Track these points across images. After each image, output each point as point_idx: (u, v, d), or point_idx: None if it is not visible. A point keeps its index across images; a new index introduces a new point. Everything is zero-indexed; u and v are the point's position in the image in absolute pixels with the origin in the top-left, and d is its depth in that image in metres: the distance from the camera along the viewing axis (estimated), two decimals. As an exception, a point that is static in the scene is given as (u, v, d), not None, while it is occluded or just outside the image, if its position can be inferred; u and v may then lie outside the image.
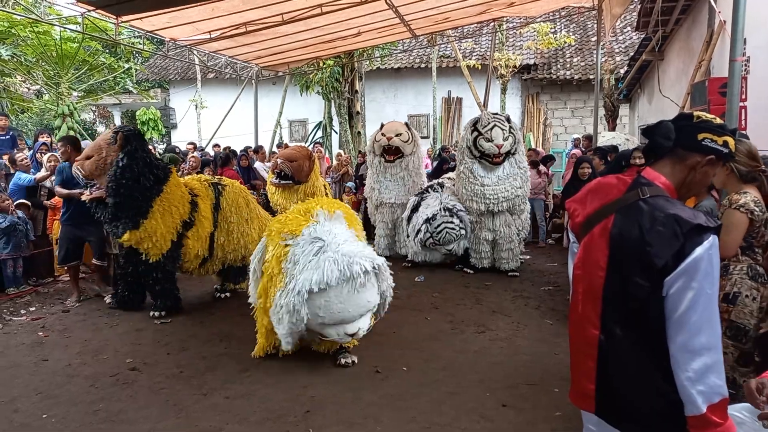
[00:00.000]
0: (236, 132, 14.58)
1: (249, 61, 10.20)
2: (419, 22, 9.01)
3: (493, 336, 4.59)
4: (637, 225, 1.67)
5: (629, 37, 17.11)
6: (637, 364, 1.70)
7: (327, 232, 3.71)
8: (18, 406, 3.47)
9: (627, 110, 15.62)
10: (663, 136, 1.75)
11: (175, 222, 5.06)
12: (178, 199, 5.10)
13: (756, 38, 6.64)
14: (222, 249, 5.55)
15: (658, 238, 1.61)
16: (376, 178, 7.30)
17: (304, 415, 3.30)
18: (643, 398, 1.70)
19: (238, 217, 5.60)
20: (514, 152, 6.40)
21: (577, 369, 1.87)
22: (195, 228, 5.23)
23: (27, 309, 5.59)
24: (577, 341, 1.86)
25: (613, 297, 1.73)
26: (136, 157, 4.89)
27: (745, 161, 2.81)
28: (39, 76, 12.44)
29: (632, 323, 1.70)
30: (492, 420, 3.21)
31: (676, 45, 10.86)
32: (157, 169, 5.04)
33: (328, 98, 14.58)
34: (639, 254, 1.64)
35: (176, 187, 5.14)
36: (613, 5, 8.18)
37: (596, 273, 1.76)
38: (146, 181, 4.89)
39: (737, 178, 2.83)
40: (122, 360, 4.18)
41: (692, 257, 1.56)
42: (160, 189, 5.00)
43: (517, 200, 6.44)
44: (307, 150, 7.46)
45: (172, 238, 5.05)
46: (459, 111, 17.36)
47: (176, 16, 6.63)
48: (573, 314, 1.90)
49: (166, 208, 5.00)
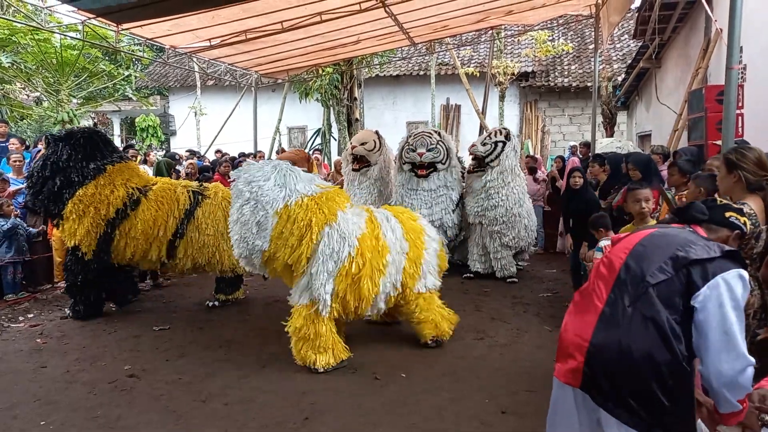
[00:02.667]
0: (235, 139, 14.60)
1: (248, 68, 10.24)
2: (418, 30, 9.05)
3: (492, 342, 4.59)
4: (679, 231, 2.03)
5: (627, 45, 17.23)
6: (643, 343, 1.79)
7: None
8: (17, 412, 3.46)
9: (625, 117, 15.69)
10: (699, 212, 2.12)
11: (96, 221, 5.08)
12: (100, 200, 5.11)
13: (753, 46, 6.69)
14: (189, 257, 5.38)
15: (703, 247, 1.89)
16: (347, 187, 7.42)
17: (304, 422, 3.29)
18: (637, 378, 1.78)
19: (215, 230, 5.36)
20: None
21: (569, 343, 1.98)
22: (125, 227, 5.17)
23: (25, 316, 5.58)
24: (577, 316, 2.01)
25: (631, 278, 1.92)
26: (46, 163, 5.14)
27: (754, 169, 2.78)
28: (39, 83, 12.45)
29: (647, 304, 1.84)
30: (492, 426, 3.21)
31: (674, 53, 10.94)
32: (73, 171, 5.11)
33: (327, 105, 14.62)
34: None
35: (103, 187, 5.15)
36: (610, 13, 8.24)
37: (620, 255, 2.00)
38: (52, 186, 5.07)
39: (743, 186, 2.80)
40: (121, 366, 4.17)
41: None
42: (72, 192, 5.08)
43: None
44: (304, 152, 7.51)
45: (94, 236, 5.10)
46: (457, 118, 17.42)
47: (177, 24, 6.66)
48: (581, 291, 2.08)
49: (83, 210, 5.06)
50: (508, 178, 6.49)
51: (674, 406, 1.75)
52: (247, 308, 5.71)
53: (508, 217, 6.49)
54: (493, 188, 6.45)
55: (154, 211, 5.24)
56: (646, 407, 1.76)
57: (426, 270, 4.41)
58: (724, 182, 2.93)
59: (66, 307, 5.57)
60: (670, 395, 1.75)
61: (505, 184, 6.46)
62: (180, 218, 5.32)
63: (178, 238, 5.32)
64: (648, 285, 1.83)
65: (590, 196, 5.62)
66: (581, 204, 5.51)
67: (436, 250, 4.56)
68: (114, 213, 5.14)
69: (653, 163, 5.38)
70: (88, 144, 5.30)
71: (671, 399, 1.75)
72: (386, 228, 4.24)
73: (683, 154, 5.64)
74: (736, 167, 2.82)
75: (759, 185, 2.80)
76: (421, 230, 4.49)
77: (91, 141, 5.33)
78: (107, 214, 5.12)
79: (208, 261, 5.43)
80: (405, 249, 4.27)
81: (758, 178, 2.79)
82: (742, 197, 2.82)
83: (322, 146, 15.73)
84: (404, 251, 4.26)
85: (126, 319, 5.39)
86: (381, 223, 4.26)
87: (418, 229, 4.46)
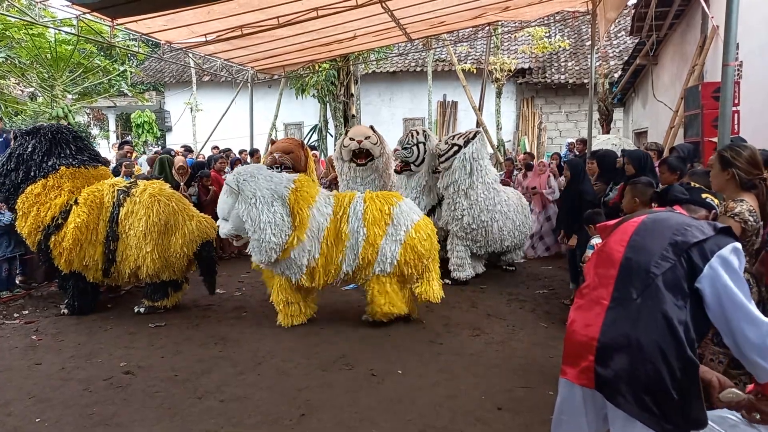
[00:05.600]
0: (232, 135, 14.56)
1: (245, 64, 10.20)
2: (415, 26, 9.03)
3: (488, 339, 4.59)
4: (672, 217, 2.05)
5: (623, 42, 17.24)
6: (653, 337, 1.78)
7: None
8: (11, 409, 3.45)
9: (621, 114, 15.71)
10: (680, 193, 2.27)
11: (35, 224, 5.05)
12: (42, 202, 5.05)
13: (749, 43, 6.70)
14: (125, 261, 5.16)
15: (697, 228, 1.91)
16: (347, 184, 7.25)
17: (300, 419, 3.29)
18: (649, 373, 1.76)
19: (136, 231, 5.07)
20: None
21: (577, 344, 1.94)
22: (60, 233, 5.03)
23: (20, 312, 5.55)
24: (582, 316, 1.97)
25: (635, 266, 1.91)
26: (11, 154, 5.17)
27: (747, 168, 2.80)
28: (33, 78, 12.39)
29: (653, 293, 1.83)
30: (488, 423, 3.22)
31: (670, 49, 10.94)
32: (33, 165, 5.09)
33: (324, 102, 14.59)
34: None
35: (50, 189, 5.09)
36: (607, 10, 8.23)
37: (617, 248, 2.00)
38: (15, 178, 5.10)
39: (737, 184, 2.81)
40: (116, 363, 4.16)
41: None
42: (25, 187, 5.07)
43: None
44: (298, 139, 7.43)
45: (34, 240, 5.10)
46: (454, 115, 17.41)
47: (172, 19, 6.62)
48: (582, 291, 2.04)
49: (27, 208, 5.06)
50: (466, 184, 6.12)
51: (683, 400, 1.74)
52: (242, 305, 5.70)
53: (477, 224, 6.21)
54: (452, 196, 6.21)
55: (86, 216, 5.03)
56: (656, 402, 1.75)
57: (382, 255, 4.75)
58: (717, 179, 2.94)
59: (61, 304, 5.55)
60: (680, 389, 1.74)
61: (467, 192, 6.14)
62: (107, 221, 5.11)
63: (112, 242, 5.12)
64: (654, 276, 1.82)
65: (586, 190, 5.68)
66: (576, 197, 5.59)
67: (402, 238, 4.79)
68: (50, 220, 5.03)
69: (649, 158, 5.39)
70: (55, 138, 5.24)
71: (681, 393, 1.74)
72: (352, 218, 4.80)
73: (679, 151, 5.66)
74: (730, 165, 2.84)
75: (751, 183, 2.81)
76: (388, 218, 4.83)
77: (57, 137, 5.25)
78: (44, 220, 5.02)
79: (135, 263, 5.13)
80: (362, 236, 4.74)
81: (751, 176, 2.81)
82: (735, 194, 2.83)
83: (318, 142, 15.70)
84: (364, 237, 4.74)
85: (121, 315, 5.37)
86: (350, 213, 4.82)
87: (381, 217, 4.81)
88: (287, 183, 4.73)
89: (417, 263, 4.78)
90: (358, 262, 4.77)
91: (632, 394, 1.78)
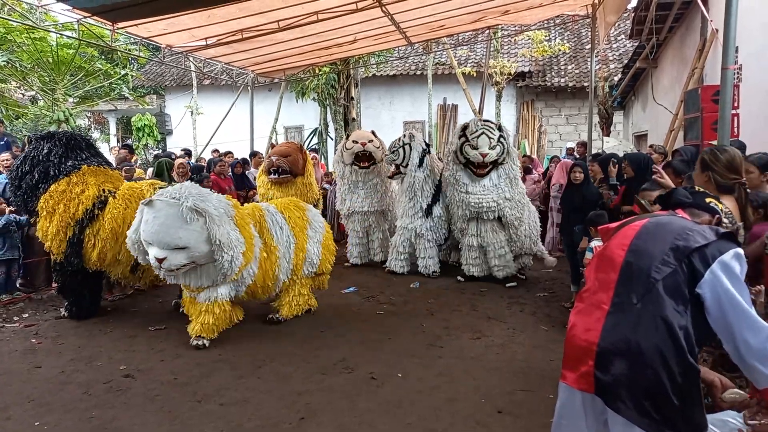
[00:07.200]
0: (232, 138, 14.55)
1: (245, 67, 10.23)
2: (415, 30, 9.06)
3: (489, 342, 4.59)
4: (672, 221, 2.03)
5: (623, 45, 17.26)
6: (653, 342, 1.77)
7: None
8: (11, 413, 3.44)
9: (621, 117, 15.72)
10: (684, 196, 2.22)
11: (64, 220, 5.01)
12: (70, 198, 5.04)
13: (748, 46, 6.71)
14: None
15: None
16: (349, 188, 7.24)
17: (299, 422, 3.28)
18: (649, 378, 1.76)
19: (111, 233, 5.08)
20: (503, 162, 6.27)
21: (577, 349, 1.93)
22: (95, 225, 5.04)
23: (20, 316, 5.55)
24: (582, 320, 1.97)
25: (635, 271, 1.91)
26: (25, 158, 5.17)
27: (723, 172, 2.83)
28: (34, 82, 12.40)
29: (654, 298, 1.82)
30: (488, 426, 3.21)
31: (670, 53, 10.96)
32: (51, 166, 5.08)
33: (324, 105, 14.60)
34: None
35: (75, 185, 5.08)
36: (607, 13, 8.26)
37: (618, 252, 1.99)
38: (30, 180, 5.06)
39: (714, 187, 2.82)
40: (116, 367, 4.15)
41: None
42: (46, 187, 5.04)
43: (506, 210, 6.27)
44: (297, 143, 7.46)
45: (64, 237, 5.03)
46: (454, 118, 17.41)
47: (172, 23, 6.65)
48: (582, 295, 2.04)
49: (52, 207, 5.02)
50: (513, 171, 6.36)
51: (683, 405, 1.73)
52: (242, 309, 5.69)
53: (513, 213, 6.37)
54: (501, 185, 6.32)
55: (123, 209, 5.09)
56: (656, 407, 1.74)
57: (308, 258, 5.10)
58: (698, 180, 3.00)
59: (61, 307, 5.54)
60: (680, 394, 1.73)
61: (511, 178, 6.33)
62: None
63: None
64: (655, 281, 1.81)
65: (590, 192, 5.68)
66: (579, 198, 5.60)
67: (320, 238, 5.24)
68: (83, 213, 5.04)
69: (650, 161, 5.39)
70: (70, 143, 5.27)
71: (681, 398, 1.73)
72: (274, 228, 4.92)
73: (682, 153, 5.66)
74: (707, 168, 2.87)
75: (728, 187, 2.82)
76: (307, 223, 5.17)
77: (72, 143, 5.30)
78: (76, 214, 5.03)
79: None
80: (293, 243, 5.01)
81: (727, 180, 2.82)
82: None
83: (319, 146, 15.70)
84: (292, 244, 5.01)
85: (121, 319, 5.37)
86: (269, 224, 4.91)
87: (303, 223, 5.14)
88: (226, 202, 4.59)
89: (331, 260, 5.35)
90: (292, 269, 4.99)
91: (632, 399, 1.77)
